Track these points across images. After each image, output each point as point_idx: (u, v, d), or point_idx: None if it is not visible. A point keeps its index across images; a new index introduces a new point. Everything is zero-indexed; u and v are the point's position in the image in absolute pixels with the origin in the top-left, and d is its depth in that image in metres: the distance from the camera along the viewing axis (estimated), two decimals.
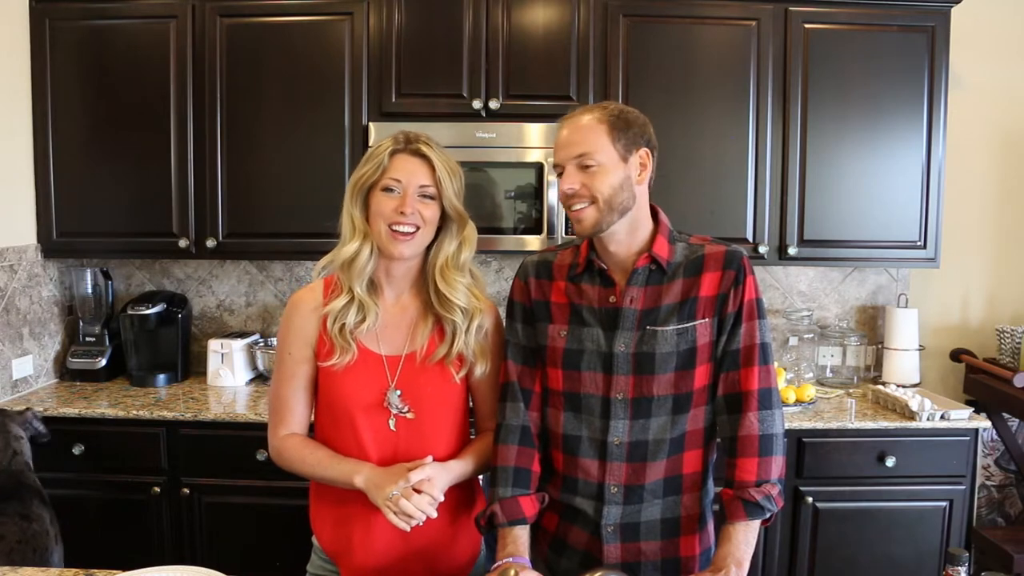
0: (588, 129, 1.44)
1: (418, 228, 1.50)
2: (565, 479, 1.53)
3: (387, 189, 1.50)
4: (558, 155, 1.47)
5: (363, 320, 1.53)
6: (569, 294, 1.52)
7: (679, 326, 1.45)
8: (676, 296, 1.47)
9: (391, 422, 1.52)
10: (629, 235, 1.49)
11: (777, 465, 1.44)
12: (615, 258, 1.50)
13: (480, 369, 1.57)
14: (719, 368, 1.48)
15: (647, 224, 1.51)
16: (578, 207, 1.44)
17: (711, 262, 1.48)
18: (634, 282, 1.47)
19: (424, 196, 1.51)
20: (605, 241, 1.48)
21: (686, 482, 1.49)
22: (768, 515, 1.42)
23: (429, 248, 1.57)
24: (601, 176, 1.43)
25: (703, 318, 1.46)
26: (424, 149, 1.51)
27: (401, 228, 1.49)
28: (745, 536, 1.40)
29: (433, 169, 1.51)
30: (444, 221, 1.55)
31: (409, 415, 1.52)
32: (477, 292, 1.58)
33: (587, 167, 1.43)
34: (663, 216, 1.53)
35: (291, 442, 1.57)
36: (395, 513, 1.41)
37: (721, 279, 1.46)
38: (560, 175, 1.47)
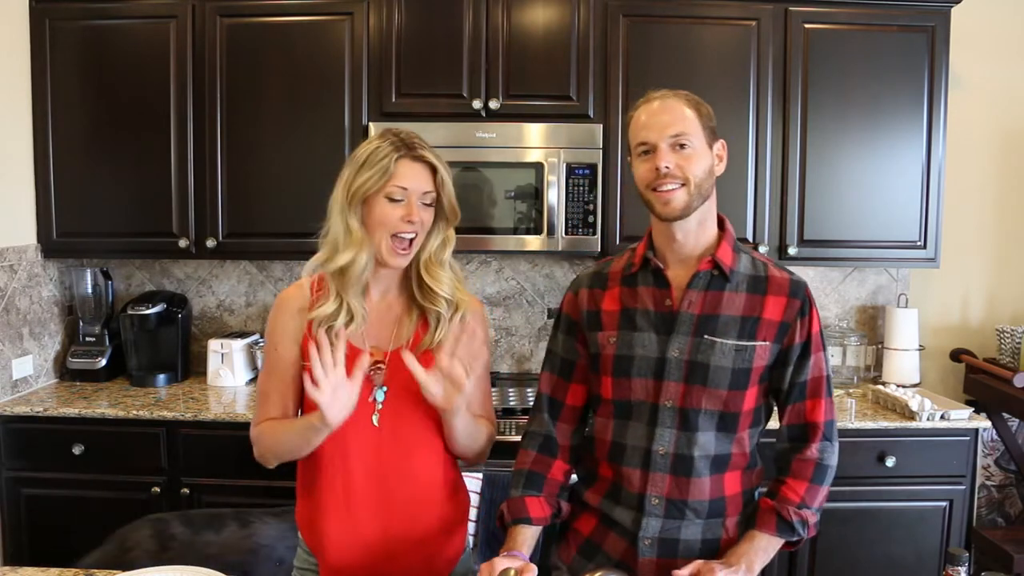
0: (680, 111, 1.42)
1: (416, 235, 1.50)
2: (608, 486, 1.50)
3: (392, 198, 1.48)
4: (648, 134, 1.42)
5: (350, 322, 1.51)
6: (623, 299, 1.50)
7: (739, 342, 1.42)
8: (738, 309, 1.44)
9: (374, 418, 1.51)
10: (698, 227, 1.46)
11: (822, 495, 1.45)
12: (679, 252, 1.47)
13: None
14: (786, 400, 1.47)
15: (713, 224, 1.49)
16: (669, 187, 1.40)
17: (775, 286, 1.45)
18: (695, 286, 1.45)
19: (425, 203, 1.51)
20: (675, 229, 1.45)
21: (729, 505, 1.46)
22: (795, 539, 1.42)
23: None
24: (695, 159, 1.41)
25: (764, 340, 1.43)
26: (428, 155, 1.50)
27: (405, 235, 1.48)
28: (765, 546, 1.40)
29: (435, 173, 1.51)
30: (434, 219, 1.55)
31: (382, 389, 1.50)
32: (460, 286, 1.58)
33: (682, 147, 1.41)
34: (729, 225, 1.51)
35: (261, 427, 1.55)
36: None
37: (786, 306, 1.44)
38: (643, 154, 1.44)
